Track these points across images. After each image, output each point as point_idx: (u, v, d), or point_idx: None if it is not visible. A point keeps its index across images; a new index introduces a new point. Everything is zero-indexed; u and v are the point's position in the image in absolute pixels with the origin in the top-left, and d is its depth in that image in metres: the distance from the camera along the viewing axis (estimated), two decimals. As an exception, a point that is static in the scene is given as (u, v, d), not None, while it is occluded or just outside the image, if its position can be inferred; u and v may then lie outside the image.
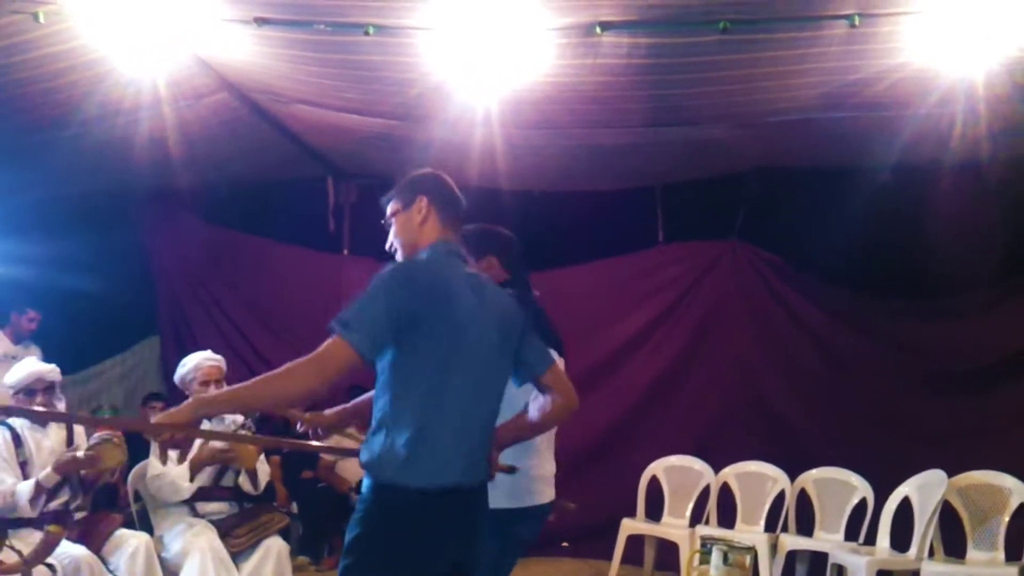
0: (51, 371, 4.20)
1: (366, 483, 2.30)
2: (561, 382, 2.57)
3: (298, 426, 2.76)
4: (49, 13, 3.35)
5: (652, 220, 6.41)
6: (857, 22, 3.46)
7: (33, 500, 3.92)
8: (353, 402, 2.73)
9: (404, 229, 2.51)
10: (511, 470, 2.68)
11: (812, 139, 5.08)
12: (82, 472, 3.99)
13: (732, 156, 5.52)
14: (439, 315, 2.28)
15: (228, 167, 5.90)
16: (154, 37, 3.67)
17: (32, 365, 4.15)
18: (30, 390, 4.12)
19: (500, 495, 2.65)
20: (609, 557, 5.66)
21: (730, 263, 6.32)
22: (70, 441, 4.22)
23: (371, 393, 2.50)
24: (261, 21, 3.48)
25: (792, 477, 5.45)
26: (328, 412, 2.76)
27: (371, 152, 5.72)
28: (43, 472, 3.93)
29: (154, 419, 2.37)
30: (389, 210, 2.55)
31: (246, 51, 3.93)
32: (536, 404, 2.57)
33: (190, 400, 2.29)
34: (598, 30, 3.51)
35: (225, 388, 2.26)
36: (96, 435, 4.00)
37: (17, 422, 4.18)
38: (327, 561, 6.16)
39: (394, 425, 2.27)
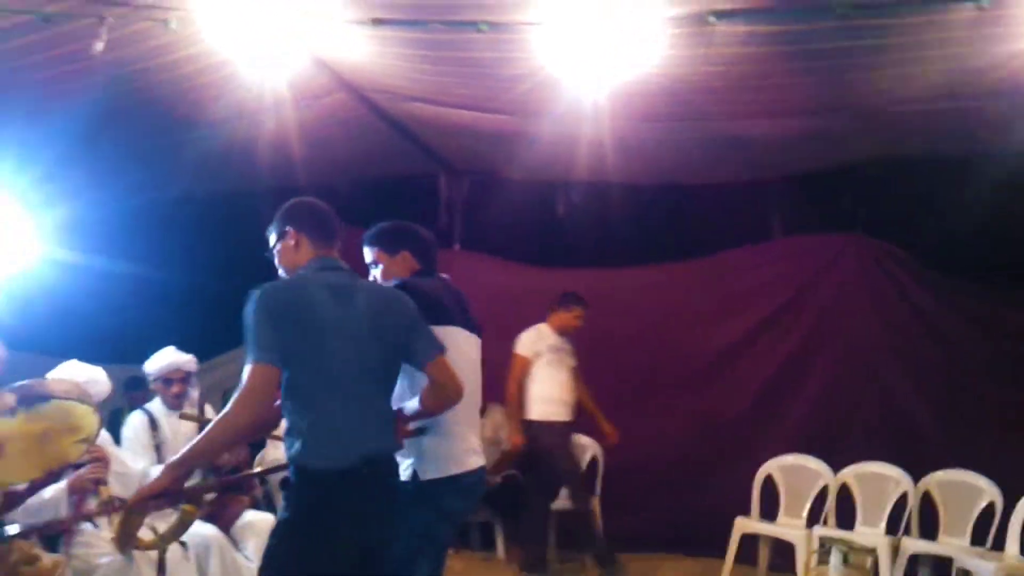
0: (188, 361, 4.44)
1: (290, 472, 2.68)
2: (442, 372, 2.88)
3: None
4: (179, 19, 3.52)
5: (768, 214, 6.28)
6: (986, 3, 3.31)
7: None
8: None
9: (283, 257, 2.91)
10: (420, 432, 3.04)
11: (935, 127, 4.88)
12: None
13: (852, 147, 5.35)
14: (301, 322, 2.62)
15: (345, 165, 6.08)
16: (277, 40, 3.81)
17: (170, 356, 4.38)
18: (167, 380, 4.37)
19: (427, 467, 3.02)
20: (722, 556, 5.59)
21: (852, 257, 6.09)
22: (202, 426, 4.44)
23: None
24: (378, 22, 3.57)
25: (915, 479, 5.26)
26: None
27: (482, 147, 5.79)
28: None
29: (137, 491, 2.80)
30: (270, 243, 2.95)
31: (363, 51, 4.04)
32: (423, 392, 2.92)
33: (163, 468, 2.67)
34: (711, 19, 3.46)
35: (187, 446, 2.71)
36: None
37: (155, 407, 4.43)
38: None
39: (293, 422, 2.65)
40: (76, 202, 5.60)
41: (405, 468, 3.07)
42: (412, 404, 2.98)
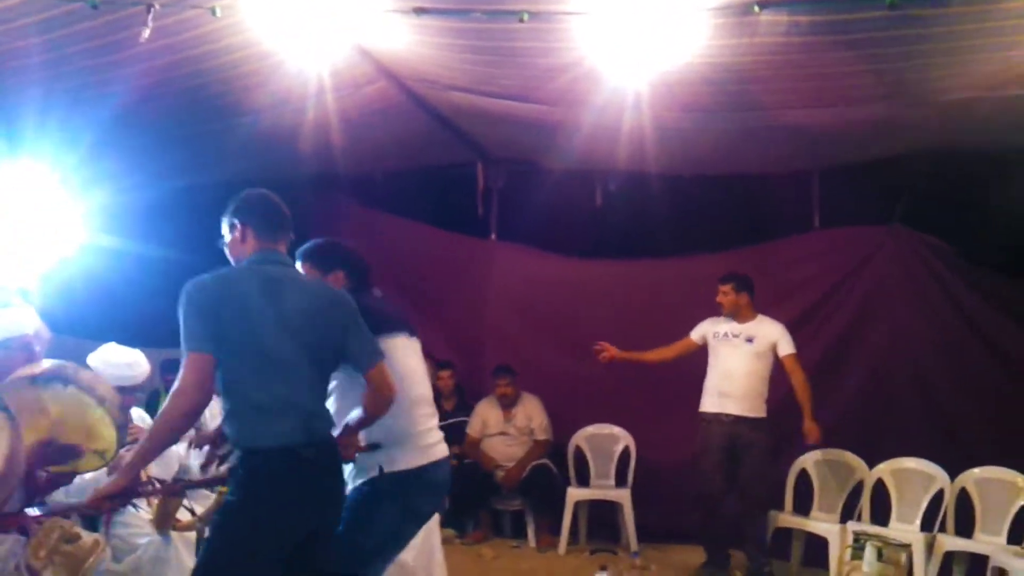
0: None
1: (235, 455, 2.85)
2: (381, 378, 2.98)
3: None
4: (224, 7, 3.54)
5: (807, 205, 6.21)
6: (1038, -7, 3.25)
7: (205, 466, 4.21)
8: None
9: (231, 249, 3.01)
10: (374, 447, 3.15)
11: (984, 119, 4.79)
12: None
13: (896, 138, 5.27)
14: (229, 313, 2.71)
15: (383, 153, 6.11)
16: (319, 29, 3.84)
17: None
18: None
19: (392, 461, 3.14)
20: (755, 548, 5.57)
21: (891, 250, 6.04)
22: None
23: None
24: (420, 11, 3.58)
25: (953, 475, 5.21)
26: None
27: (521, 137, 5.79)
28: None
29: (94, 492, 2.90)
30: (222, 233, 3.04)
31: (405, 40, 4.05)
32: (364, 398, 3.02)
33: (119, 470, 2.85)
34: (756, 8, 3.42)
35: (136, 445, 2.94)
36: None
37: None
38: (472, 535, 6.33)
39: (230, 408, 2.78)
40: (116, 187, 5.67)
41: (371, 464, 3.17)
42: (355, 414, 3.07)
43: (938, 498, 5.22)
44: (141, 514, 3.90)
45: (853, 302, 6.14)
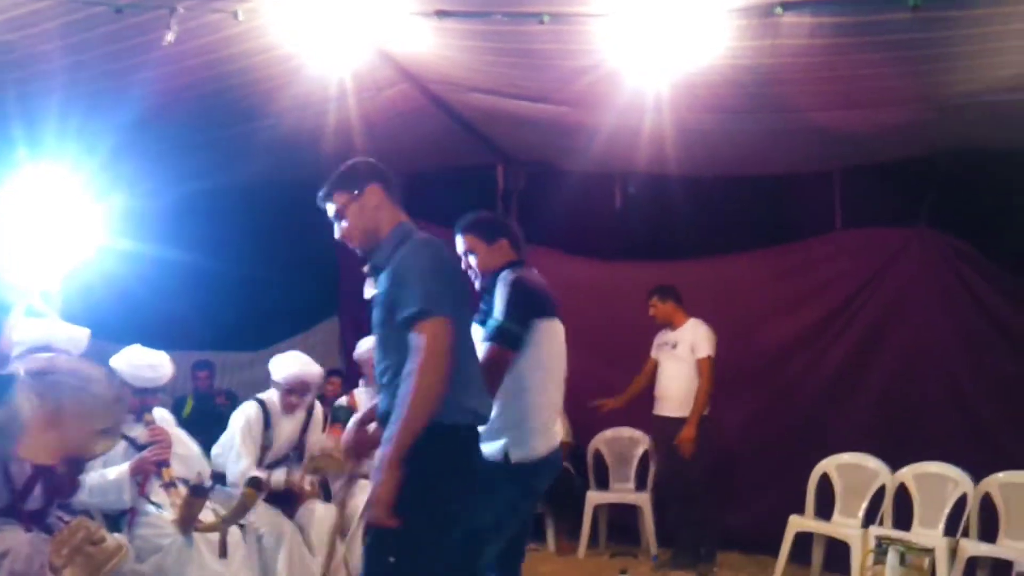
0: (316, 376, 4.62)
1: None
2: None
3: None
4: (247, 11, 3.56)
5: (829, 205, 6.16)
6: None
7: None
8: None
9: (360, 216, 2.75)
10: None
11: (1006, 120, 4.75)
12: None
13: (920, 138, 5.22)
14: (456, 281, 2.69)
15: (405, 155, 6.10)
16: (341, 32, 3.85)
17: (300, 367, 4.54)
18: (290, 389, 4.48)
19: (520, 450, 3.06)
20: (775, 554, 5.53)
21: (916, 251, 5.95)
22: (305, 427, 4.56)
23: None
24: (442, 13, 3.59)
25: (978, 480, 5.15)
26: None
27: (541, 139, 5.79)
28: (275, 475, 4.31)
29: (377, 502, 2.51)
30: (337, 202, 2.77)
31: (426, 43, 4.06)
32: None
33: (384, 470, 2.47)
34: (779, 10, 3.40)
35: (394, 432, 2.50)
36: (318, 450, 4.28)
37: (272, 405, 4.53)
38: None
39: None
40: (136, 191, 5.71)
41: (496, 448, 3.06)
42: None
43: (961, 503, 5.16)
44: (164, 515, 3.91)
45: (878, 304, 6.06)
